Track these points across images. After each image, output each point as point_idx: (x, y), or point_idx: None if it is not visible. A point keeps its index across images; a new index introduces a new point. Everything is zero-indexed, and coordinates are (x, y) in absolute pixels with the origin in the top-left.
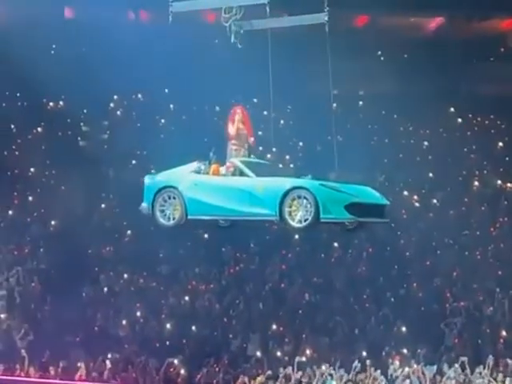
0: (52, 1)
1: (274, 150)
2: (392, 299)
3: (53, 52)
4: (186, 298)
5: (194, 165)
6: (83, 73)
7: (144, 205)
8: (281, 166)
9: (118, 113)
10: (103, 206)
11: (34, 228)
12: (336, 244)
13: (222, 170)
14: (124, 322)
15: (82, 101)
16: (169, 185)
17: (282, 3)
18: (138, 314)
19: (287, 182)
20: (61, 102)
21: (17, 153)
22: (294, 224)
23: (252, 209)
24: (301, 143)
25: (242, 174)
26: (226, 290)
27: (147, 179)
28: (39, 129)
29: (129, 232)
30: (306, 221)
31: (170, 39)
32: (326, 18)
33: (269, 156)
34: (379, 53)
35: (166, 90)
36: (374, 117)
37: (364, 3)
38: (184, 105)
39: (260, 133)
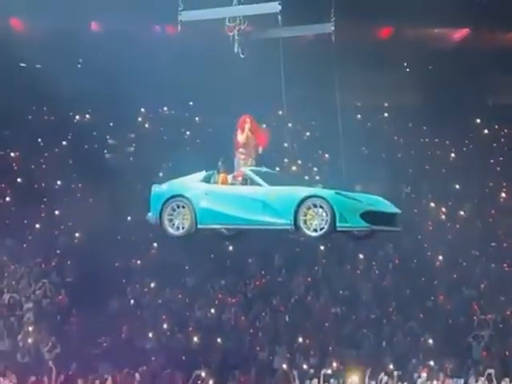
0: (78, 14)
1: (299, 161)
2: (419, 311)
3: (79, 66)
4: (212, 310)
5: (203, 174)
6: (110, 86)
7: (151, 214)
8: (306, 177)
9: (145, 125)
10: (129, 218)
11: (61, 241)
12: (362, 256)
13: (230, 178)
14: (151, 334)
15: (109, 114)
16: (177, 194)
17: (292, 13)
18: (165, 326)
19: (302, 191)
20: (87, 116)
21: (44, 166)
22: (310, 233)
23: (266, 218)
24: (326, 155)
25: (252, 182)
26: (252, 302)
27: (154, 188)
28: (66, 142)
29: (155, 244)
30: (321, 229)
31: (196, 52)
32: (333, 28)
33: (294, 168)
34: (404, 64)
35: (191, 103)
36: (400, 128)
37: (388, 15)
38: (209, 117)
39: (285, 145)
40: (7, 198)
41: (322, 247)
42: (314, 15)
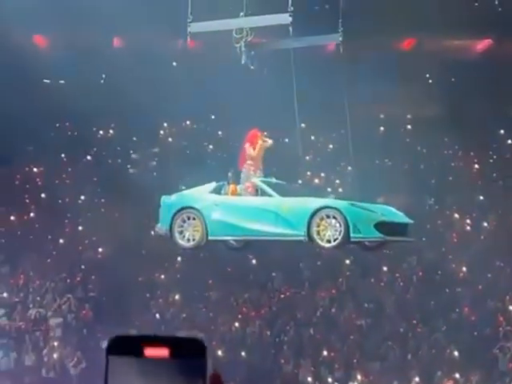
0: (101, 30)
1: (322, 174)
2: (444, 323)
3: (102, 81)
4: (237, 324)
5: (212, 185)
6: (132, 101)
7: (160, 226)
8: (329, 189)
9: (168, 139)
10: (153, 232)
11: (86, 256)
12: (385, 268)
13: (240, 189)
14: None
15: (132, 129)
16: (188, 205)
17: (302, 24)
18: None
19: (315, 202)
20: (110, 131)
21: (67, 181)
22: (323, 244)
23: (278, 229)
24: (349, 168)
25: (263, 193)
26: (276, 315)
27: (164, 200)
28: (89, 157)
29: (179, 259)
30: (335, 240)
31: (218, 66)
32: (341, 39)
33: (317, 181)
34: (427, 76)
35: (213, 117)
36: (422, 140)
37: (411, 26)
38: (231, 131)
39: (307, 158)
40: (31, 214)
41: (347, 260)
42: (325, 26)
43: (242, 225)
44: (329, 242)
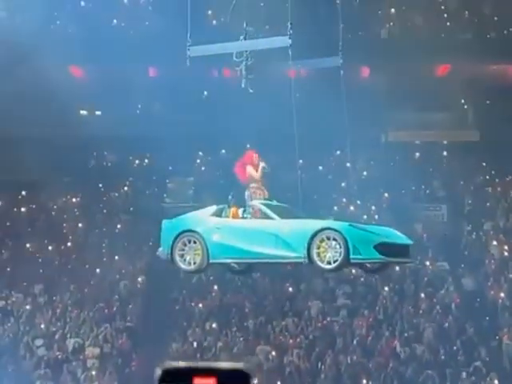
0: (136, 60)
1: (358, 201)
2: (484, 351)
3: (138, 111)
4: (274, 352)
5: (213, 208)
6: (168, 130)
7: (162, 249)
8: (365, 217)
9: (202, 168)
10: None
11: (122, 285)
12: (423, 295)
13: (241, 212)
14: None
15: (168, 158)
16: (188, 229)
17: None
18: None
19: (315, 224)
20: (146, 160)
21: (104, 211)
22: (323, 265)
23: (279, 251)
24: (386, 194)
25: (264, 216)
26: (313, 343)
27: (165, 224)
28: (126, 187)
29: (215, 287)
30: (335, 262)
31: (254, 96)
32: (341, 61)
33: (352, 208)
34: (462, 101)
35: (248, 145)
36: (459, 165)
37: (445, 52)
38: (267, 159)
39: (343, 184)
40: (68, 244)
41: (385, 288)
42: (325, 49)
43: (243, 247)
44: (329, 263)
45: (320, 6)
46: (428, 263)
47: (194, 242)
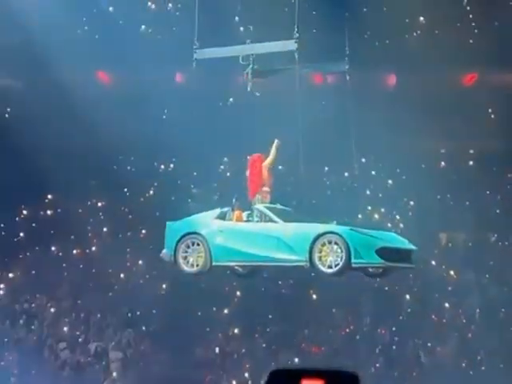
0: (163, 66)
1: (382, 209)
2: (509, 362)
3: (164, 117)
4: (296, 359)
5: (217, 211)
6: (193, 135)
7: (165, 251)
8: (389, 225)
9: (227, 174)
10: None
11: (146, 290)
12: (447, 304)
13: (245, 216)
14: (234, 382)
15: (193, 163)
16: (192, 231)
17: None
18: (246, 375)
19: (317, 228)
20: (171, 165)
21: (130, 216)
22: (325, 269)
23: (280, 254)
24: (411, 202)
25: (267, 219)
26: (336, 352)
27: (169, 226)
28: (151, 191)
29: (238, 293)
30: (336, 266)
31: (276, 101)
32: (347, 67)
33: (376, 216)
34: (489, 110)
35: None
36: (485, 175)
37: (472, 61)
38: (290, 166)
39: (368, 192)
40: (93, 248)
41: (407, 296)
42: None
43: (245, 250)
44: (330, 267)
45: (330, 11)
46: (452, 272)
47: (198, 245)
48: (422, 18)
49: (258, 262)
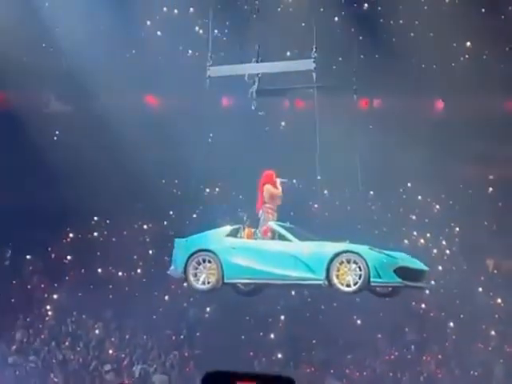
0: (210, 90)
1: (428, 235)
2: None
3: (210, 139)
4: None
5: (228, 228)
6: (240, 159)
7: (174, 268)
8: (435, 251)
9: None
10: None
11: (191, 313)
12: (493, 332)
13: (255, 233)
14: None
15: (239, 186)
16: (203, 248)
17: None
18: None
19: (335, 246)
20: (217, 189)
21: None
22: (343, 288)
23: (297, 273)
24: (457, 228)
25: (281, 237)
26: (380, 378)
27: (178, 242)
28: (195, 215)
29: (282, 317)
30: (355, 285)
31: (324, 126)
32: (355, 87)
33: (422, 241)
34: None
35: (319, 177)
36: None
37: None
38: (335, 191)
39: (414, 217)
40: (138, 270)
41: (450, 323)
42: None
43: (259, 268)
44: (348, 286)
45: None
46: (500, 300)
47: (209, 262)
48: (468, 43)
49: (274, 281)
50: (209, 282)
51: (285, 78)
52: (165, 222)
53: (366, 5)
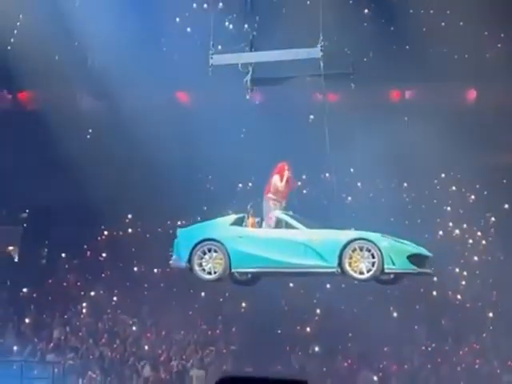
0: (238, 87)
1: (464, 225)
2: None
3: (242, 135)
4: (375, 377)
5: (233, 217)
6: (272, 154)
7: (177, 258)
8: (471, 241)
9: (303, 192)
10: (291, 285)
11: (227, 308)
12: None
13: (259, 222)
14: None
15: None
16: (209, 238)
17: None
18: None
19: (348, 234)
20: (250, 184)
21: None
22: (357, 275)
23: (308, 261)
24: (493, 218)
25: (287, 226)
26: (418, 370)
27: (181, 232)
28: (230, 211)
29: (318, 311)
30: (368, 272)
31: (355, 117)
32: (353, 84)
33: (457, 232)
34: None
35: (352, 170)
36: None
37: None
38: (368, 182)
39: (449, 209)
40: None
41: (490, 314)
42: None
43: (268, 256)
44: (362, 273)
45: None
46: None
47: (215, 251)
48: (501, 33)
49: (284, 269)
50: (215, 272)
51: (281, 66)
52: (198, 218)
53: None
